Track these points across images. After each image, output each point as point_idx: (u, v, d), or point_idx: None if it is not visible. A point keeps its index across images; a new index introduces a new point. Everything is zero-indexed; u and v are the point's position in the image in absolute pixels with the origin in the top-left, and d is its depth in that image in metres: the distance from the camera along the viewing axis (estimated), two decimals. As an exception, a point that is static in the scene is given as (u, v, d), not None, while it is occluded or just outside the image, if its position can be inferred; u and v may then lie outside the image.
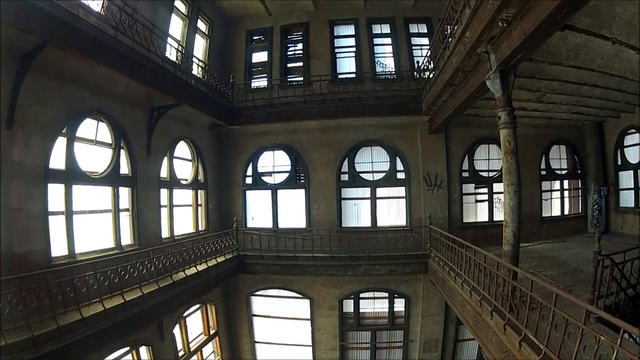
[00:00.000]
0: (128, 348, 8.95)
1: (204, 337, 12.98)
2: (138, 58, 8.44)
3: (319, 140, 14.21)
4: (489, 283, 6.52)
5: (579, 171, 14.89)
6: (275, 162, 14.68)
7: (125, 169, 9.62)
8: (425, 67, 12.20)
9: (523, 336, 4.99)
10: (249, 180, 14.69)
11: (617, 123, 13.17)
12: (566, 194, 14.96)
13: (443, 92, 10.37)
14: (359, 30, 14.55)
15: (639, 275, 5.96)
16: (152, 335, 9.75)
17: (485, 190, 14.11)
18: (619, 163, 13.42)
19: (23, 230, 6.68)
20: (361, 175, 14.18)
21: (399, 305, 14.00)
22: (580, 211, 14.84)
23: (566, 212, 14.91)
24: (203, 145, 13.42)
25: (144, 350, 9.64)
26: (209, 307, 13.43)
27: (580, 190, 14.95)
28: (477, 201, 14.17)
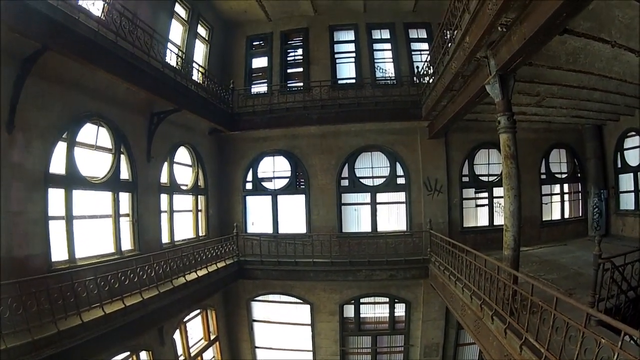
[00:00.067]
0: (128, 353, 8.93)
1: (205, 342, 12.95)
2: (138, 63, 8.47)
3: (319, 146, 14.23)
4: (490, 287, 6.50)
5: (579, 174, 14.88)
6: (275, 168, 14.69)
7: (125, 174, 9.62)
8: (425, 72, 12.25)
9: (524, 340, 4.98)
10: (249, 186, 14.70)
11: (617, 126, 13.18)
12: (566, 197, 14.95)
13: (443, 97, 10.39)
14: (359, 36, 14.63)
15: (639, 277, 5.95)
16: (153, 340, 9.73)
17: (486, 194, 14.10)
18: (619, 166, 13.41)
19: (23, 235, 6.67)
20: (361, 180, 14.20)
21: (400, 310, 13.97)
22: (580, 214, 14.82)
23: (566, 216, 14.89)
24: (203, 150, 13.44)
25: (144, 355, 9.63)
26: (209, 312, 13.40)
27: (580, 194, 14.93)
28: (478, 206, 14.16)
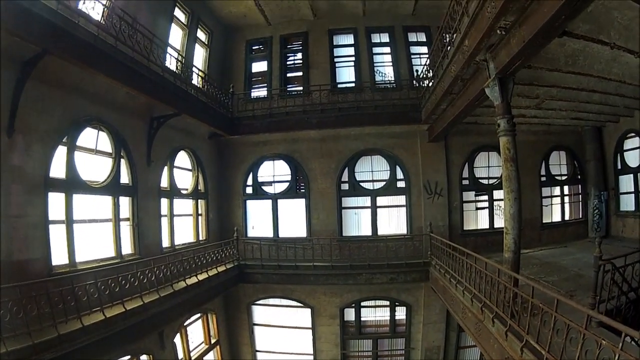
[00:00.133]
0: (129, 357, 8.90)
1: (205, 346, 12.93)
2: (138, 67, 8.49)
3: (318, 150, 14.24)
4: (490, 290, 6.51)
5: (579, 176, 14.88)
6: (275, 172, 14.69)
7: (125, 178, 9.63)
8: (425, 76, 12.28)
9: (524, 342, 4.98)
10: (249, 190, 14.70)
11: (617, 127, 13.20)
12: (566, 199, 14.96)
13: (442, 101, 10.41)
14: (358, 40, 14.64)
15: (640, 278, 5.96)
16: (153, 344, 9.71)
17: (486, 197, 14.11)
18: (619, 167, 13.43)
19: (23, 239, 6.67)
20: (361, 184, 14.19)
21: (400, 313, 13.95)
22: (580, 216, 14.81)
23: (567, 218, 14.88)
24: (203, 154, 13.45)
25: (144, 359, 9.60)
26: (209, 316, 13.38)
27: (580, 196, 14.92)
28: (478, 208, 14.17)
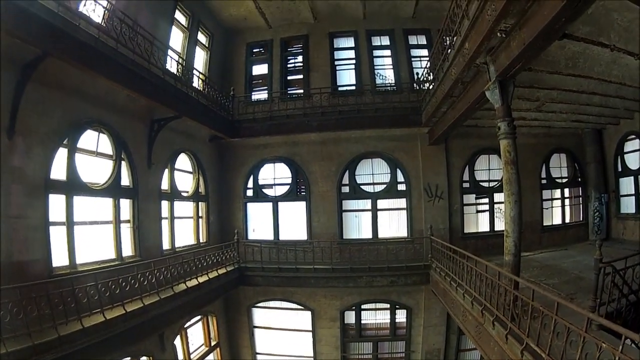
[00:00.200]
0: (129, 358, 8.87)
1: (205, 349, 12.92)
2: (139, 70, 8.50)
3: (319, 153, 14.24)
4: (491, 293, 6.50)
5: (580, 179, 14.87)
6: (275, 175, 14.69)
7: (126, 180, 9.64)
8: (425, 79, 12.29)
9: (525, 345, 4.97)
10: (250, 193, 14.70)
11: (617, 130, 13.21)
12: (567, 202, 14.94)
13: (443, 104, 10.41)
14: (359, 42, 14.67)
15: (640, 281, 5.95)
16: (153, 346, 9.71)
17: (486, 200, 14.10)
18: (619, 169, 13.43)
19: (23, 240, 6.67)
20: (362, 187, 14.19)
21: (401, 316, 13.92)
22: (581, 219, 14.78)
23: (567, 220, 14.87)
24: (204, 157, 13.46)
25: (145, 360, 9.61)
26: (210, 319, 13.37)
27: (581, 198, 14.90)
28: (478, 211, 14.15)
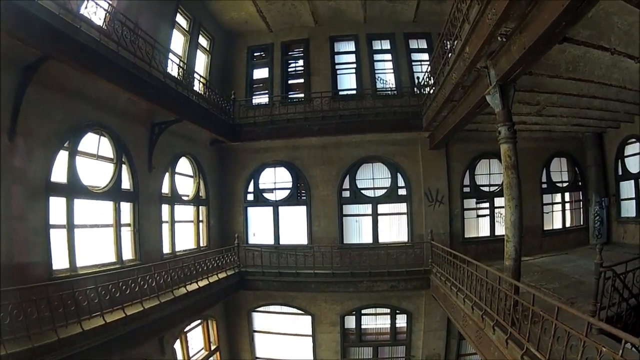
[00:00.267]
0: (128, 362, 8.87)
1: (205, 353, 12.88)
2: (139, 73, 8.52)
3: (319, 157, 14.24)
4: (491, 298, 6.49)
5: (580, 183, 14.83)
6: (276, 179, 14.68)
7: (126, 184, 9.64)
8: (426, 83, 12.29)
9: (525, 350, 4.96)
10: (250, 197, 14.69)
11: (617, 133, 13.17)
12: (567, 206, 14.90)
13: (443, 108, 10.42)
14: (359, 46, 14.69)
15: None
16: (153, 350, 9.68)
17: (487, 205, 14.07)
18: (620, 173, 13.38)
19: (24, 242, 6.67)
20: (362, 191, 14.17)
21: (401, 321, 13.88)
22: (581, 223, 14.73)
23: (567, 225, 14.81)
24: (204, 161, 13.47)
25: (144, 364, 9.57)
26: (210, 323, 13.34)
27: (581, 202, 14.85)
28: (479, 216, 14.12)
